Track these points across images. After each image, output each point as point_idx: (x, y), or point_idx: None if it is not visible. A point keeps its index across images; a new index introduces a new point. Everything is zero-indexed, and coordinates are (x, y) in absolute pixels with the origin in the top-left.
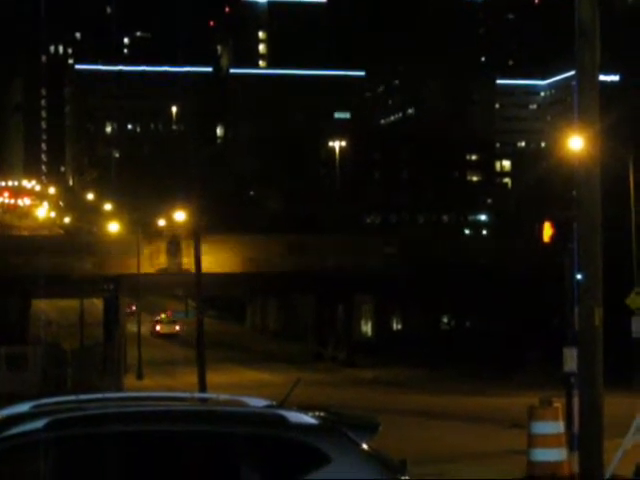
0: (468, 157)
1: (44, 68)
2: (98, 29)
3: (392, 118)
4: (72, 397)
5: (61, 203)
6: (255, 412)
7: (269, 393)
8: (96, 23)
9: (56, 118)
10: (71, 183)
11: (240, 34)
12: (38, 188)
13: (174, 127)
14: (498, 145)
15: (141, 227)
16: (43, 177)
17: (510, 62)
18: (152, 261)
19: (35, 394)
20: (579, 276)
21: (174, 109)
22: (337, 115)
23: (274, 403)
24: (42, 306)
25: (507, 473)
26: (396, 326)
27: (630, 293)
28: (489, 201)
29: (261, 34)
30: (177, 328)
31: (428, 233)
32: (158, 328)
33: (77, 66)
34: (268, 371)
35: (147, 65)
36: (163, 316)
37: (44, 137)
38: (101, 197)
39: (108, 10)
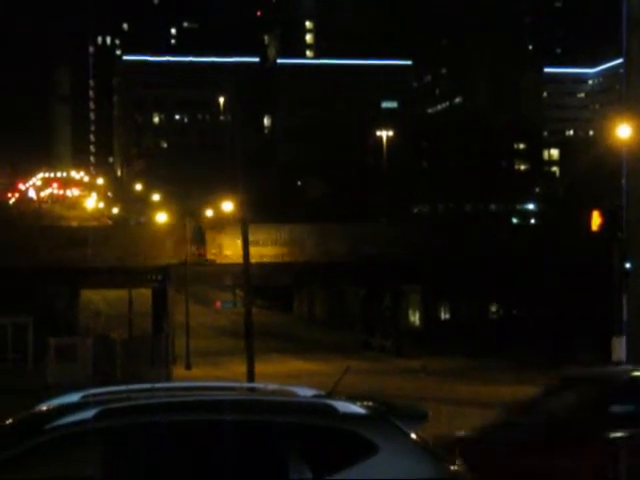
0: (516, 146)
1: (92, 59)
2: (145, 20)
3: (439, 107)
4: (122, 387)
5: (109, 194)
6: (303, 402)
7: (317, 382)
8: (143, 14)
9: (104, 109)
10: (119, 174)
11: (287, 24)
12: (86, 179)
13: (221, 117)
14: (546, 134)
15: (189, 217)
16: (91, 168)
17: (558, 50)
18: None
19: (84, 385)
20: (628, 265)
21: (221, 99)
22: (384, 104)
23: (322, 393)
24: (91, 297)
25: None
26: (444, 315)
27: None
28: (537, 190)
29: (308, 24)
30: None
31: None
32: None
33: (124, 57)
34: (316, 360)
35: (194, 55)
36: None
37: (92, 128)
38: (149, 187)
39: (155, 1)
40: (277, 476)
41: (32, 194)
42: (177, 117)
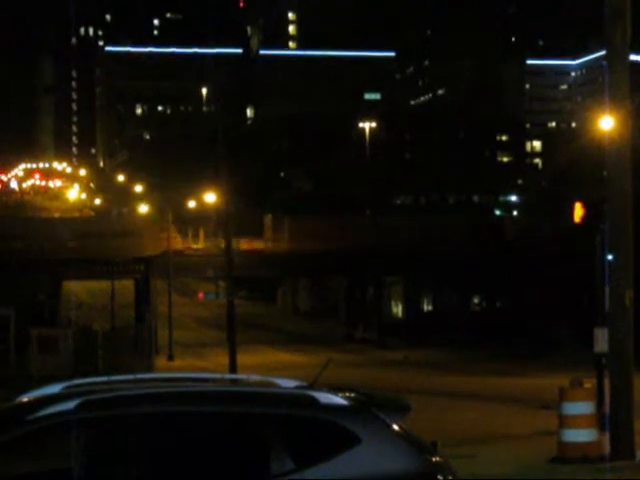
0: (498, 137)
1: (74, 50)
2: (128, 11)
3: (422, 99)
4: (103, 378)
5: (92, 185)
6: (285, 393)
7: (299, 374)
8: (126, 5)
9: (86, 100)
10: (102, 165)
11: (270, 15)
12: (69, 170)
13: (204, 108)
14: (528, 125)
15: (172, 208)
16: (74, 159)
17: (540, 42)
18: None
19: (66, 376)
20: (610, 257)
21: (204, 90)
22: (367, 96)
23: (304, 384)
24: (73, 288)
25: (538, 454)
26: (427, 307)
27: None
28: (519, 182)
29: (291, 15)
30: None
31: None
32: None
33: (107, 48)
34: (298, 352)
35: (177, 47)
36: None
37: (75, 119)
38: (132, 178)
39: None
40: (259, 467)
41: (14, 185)
42: (160, 108)
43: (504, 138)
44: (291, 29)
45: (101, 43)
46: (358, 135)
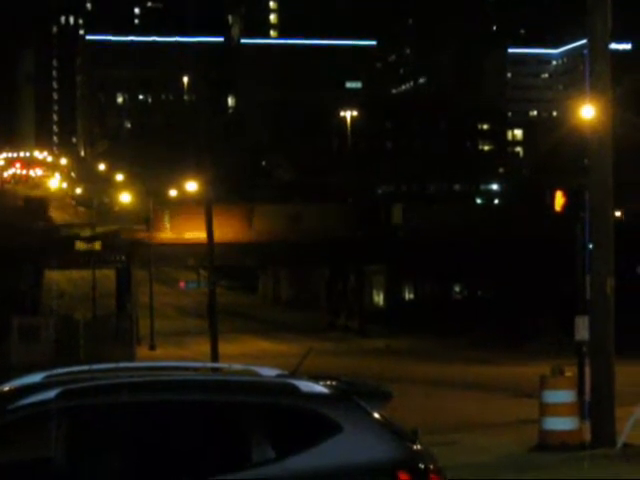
0: (480, 126)
1: (55, 39)
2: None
3: (403, 87)
4: (84, 367)
5: (73, 174)
6: (267, 381)
7: (281, 363)
8: None
9: (67, 89)
10: (83, 154)
11: (251, 4)
12: (50, 159)
13: (185, 97)
14: (510, 114)
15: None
16: (55, 148)
17: (522, 31)
18: None
19: (47, 365)
20: (590, 245)
21: (185, 79)
22: (348, 85)
23: (286, 372)
24: (54, 277)
25: (519, 442)
26: (408, 296)
27: None
28: (501, 170)
29: (272, 3)
30: None
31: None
32: None
33: (88, 37)
34: (280, 341)
35: (158, 35)
36: None
37: (55, 108)
38: (113, 167)
39: None
40: (240, 456)
41: None
42: (141, 97)
43: (485, 127)
44: (272, 18)
45: (82, 32)
46: (339, 124)
